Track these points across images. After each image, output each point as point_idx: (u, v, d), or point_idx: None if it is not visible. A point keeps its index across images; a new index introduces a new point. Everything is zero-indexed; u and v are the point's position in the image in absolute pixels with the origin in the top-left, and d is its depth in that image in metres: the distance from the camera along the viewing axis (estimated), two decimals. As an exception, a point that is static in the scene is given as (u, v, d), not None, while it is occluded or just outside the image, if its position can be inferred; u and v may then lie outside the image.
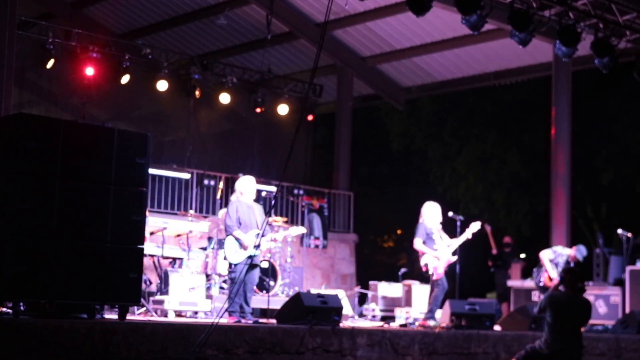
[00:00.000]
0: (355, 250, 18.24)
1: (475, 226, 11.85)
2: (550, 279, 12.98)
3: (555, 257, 13.19)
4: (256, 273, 10.56)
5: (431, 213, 11.77)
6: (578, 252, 13.32)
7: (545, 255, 13.25)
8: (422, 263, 11.63)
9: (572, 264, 13.26)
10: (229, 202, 10.87)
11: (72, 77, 15.62)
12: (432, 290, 11.68)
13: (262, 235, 10.13)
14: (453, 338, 10.50)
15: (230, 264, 10.40)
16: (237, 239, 10.28)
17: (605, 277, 16.87)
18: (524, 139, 23.30)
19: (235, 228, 10.31)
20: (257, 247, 10.19)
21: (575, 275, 8.91)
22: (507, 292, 16.36)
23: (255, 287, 12.26)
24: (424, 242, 11.60)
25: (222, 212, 13.17)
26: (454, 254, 11.71)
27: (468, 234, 11.78)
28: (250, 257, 10.20)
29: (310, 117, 18.97)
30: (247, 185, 10.65)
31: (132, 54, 16.06)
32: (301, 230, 12.21)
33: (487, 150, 23.67)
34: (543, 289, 13.02)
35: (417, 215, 12.01)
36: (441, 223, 11.90)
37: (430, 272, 11.55)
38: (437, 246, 11.60)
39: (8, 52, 10.41)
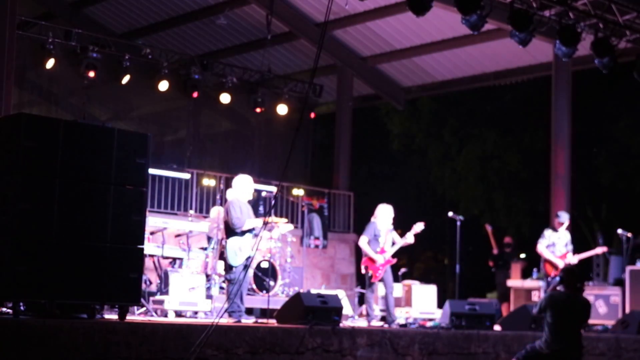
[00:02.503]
0: (355, 250, 18.24)
1: (418, 227, 11.77)
2: (555, 267, 12.98)
3: (548, 240, 13.26)
4: (250, 273, 10.78)
5: (384, 215, 11.92)
6: (559, 218, 13.39)
7: (540, 246, 13.29)
8: (362, 264, 11.86)
9: (564, 233, 13.30)
10: (226, 200, 10.87)
11: (72, 77, 15.63)
12: (371, 292, 11.92)
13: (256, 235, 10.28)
14: (453, 338, 10.50)
15: (231, 266, 10.42)
16: (249, 231, 10.40)
17: (605, 277, 16.88)
18: (524, 139, 23.31)
19: (243, 221, 10.40)
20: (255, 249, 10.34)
21: (575, 275, 8.91)
22: (507, 292, 16.36)
23: (255, 287, 12.33)
24: (369, 242, 11.77)
25: (215, 211, 13.17)
26: (393, 256, 11.81)
27: (409, 237, 11.75)
28: (248, 258, 10.33)
29: (312, 115, 18.97)
30: (247, 185, 10.71)
31: (132, 54, 16.07)
32: (289, 227, 12.39)
33: (487, 150, 23.69)
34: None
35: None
36: (394, 226, 12.09)
37: (369, 274, 11.75)
38: (379, 248, 11.76)
39: (8, 52, 10.41)
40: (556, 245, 13.31)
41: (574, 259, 13.38)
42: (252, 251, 10.28)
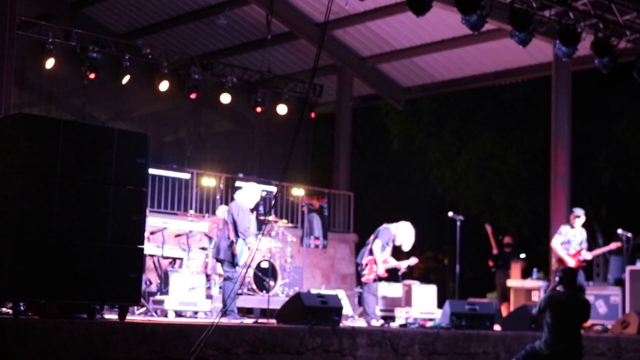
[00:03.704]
0: (355, 250, 18.23)
1: (412, 260, 12.66)
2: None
3: (564, 237, 13.29)
4: (250, 273, 11.29)
5: (406, 234, 12.20)
6: (575, 212, 13.48)
7: (555, 242, 13.32)
8: (364, 261, 12.08)
9: (580, 230, 13.37)
10: (236, 204, 10.90)
11: (72, 77, 15.63)
12: (368, 292, 12.15)
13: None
14: (453, 338, 10.50)
15: (235, 265, 10.52)
16: (245, 243, 10.67)
17: (605, 277, 16.87)
18: (524, 139, 23.31)
19: (250, 234, 10.69)
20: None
21: (574, 275, 8.91)
22: (507, 292, 16.36)
23: (255, 287, 12.37)
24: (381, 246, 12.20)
25: (221, 210, 13.18)
26: (386, 271, 12.30)
27: (403, 264, 12.59)
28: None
29: (312, 115, 18.98)
30: (257, 195, 11.00)
31: (132, 54, 16.06)
32: (271, 243, 12.81)
33: (487, 150, 23.68)
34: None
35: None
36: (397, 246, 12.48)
37: (363, 272, 12.01)
38: (382, 257, 12.13)
39: (8, 52, 10.41)
40: (571, 242, 13.33)
41: (588, 255, 13.42)
42: (250, 255, 10.48)
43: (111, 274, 8.04)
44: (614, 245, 14.53)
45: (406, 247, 12.17)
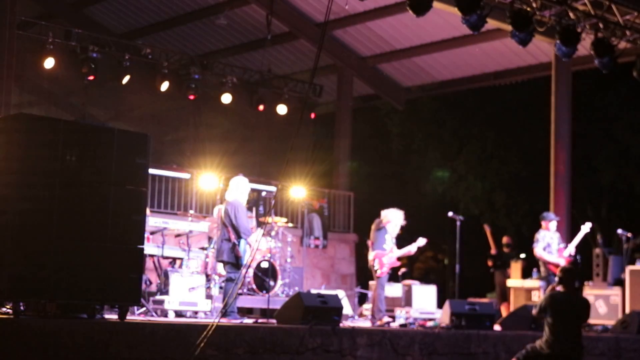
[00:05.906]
0: (355, 250, 18.24)
1: (420, 241, 12.30)
2: (557, 266, 13.01)
3: (544, 242, 13.30)
4: (250, 272, 11.35)
5: (393, 216, 12.18)
6: (547, 220, 13.44)
7: (538, 250, 13.33)
8: (370, 257, 12.03)
9: (555, 233, 13.36)
10: (232, 204, 10.85)
11: (72, 77, 15.64)
12: (375, 288, 12.07)
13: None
14: (453, 338, 10.50)
15: (240, 265, 10.51)
16: (247, 243, 10.63)
17: (605, 277, 16.87)
18: (524, 139, 23.31)
19: (251, 233, 10.67)
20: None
21: (573, 275, 8.92)
22: (507, 292, 16.35)
23: (255, 287, 12.37)
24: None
25: (217, 210, 13.18)
26: (398, 259, 12.17)
27: (413, 247, 12.25)
28: None
29: (312, 115, 18.98)
30: (247, 187, 10.89)
31: (132, 54, 16.07)
32: (271, 243, 12.81)
33: (487, 150, 23.69)
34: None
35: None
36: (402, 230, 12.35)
37: (375, 268, 11.91)
38: (386, 246, 12.06)
39: (8, 52, 10.43)
40: (551, 245, 13.36)
41: (571, 249, 13.43)
42: (250, 255, 10.47)
43: (111, 274, 8.04)
44: (586, 228, 14.24)
45: (397, 226, 12.11)
